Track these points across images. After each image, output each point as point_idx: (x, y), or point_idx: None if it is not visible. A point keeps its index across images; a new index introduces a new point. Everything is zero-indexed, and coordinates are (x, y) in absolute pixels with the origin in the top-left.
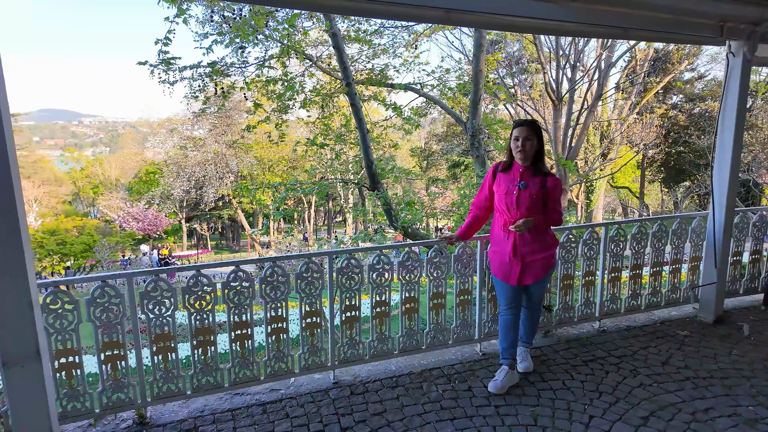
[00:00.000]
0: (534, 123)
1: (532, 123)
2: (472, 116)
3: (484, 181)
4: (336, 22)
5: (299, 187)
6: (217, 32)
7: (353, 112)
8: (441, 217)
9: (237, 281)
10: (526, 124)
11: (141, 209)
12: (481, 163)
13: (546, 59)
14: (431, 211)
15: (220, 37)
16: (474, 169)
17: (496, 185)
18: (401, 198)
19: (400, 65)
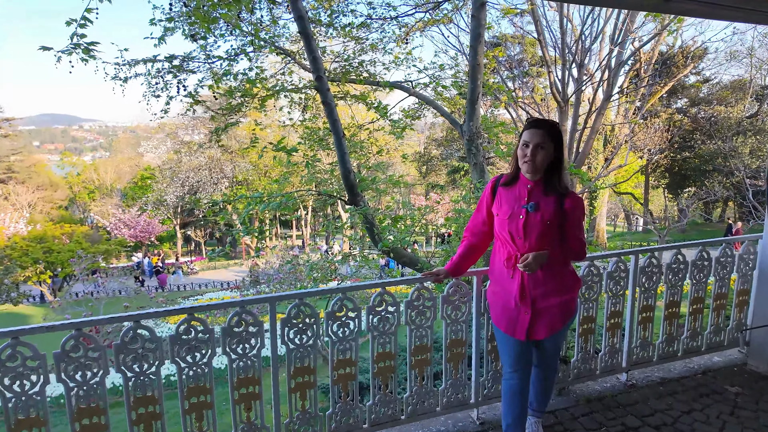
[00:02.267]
0: (552, 126)
1: (548, 125)
2: (468, 117)
3: (481, 199)
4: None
5: (265, 201)
6: (167, 17)
7: (326, 112)
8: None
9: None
10: (541, 125)
11: (133, 216)
12: (479, 172)
13: (551, 59)
14: (422, 226)
15: (171, 24)
16: (471, 177)
17: (496, 205)
18: (385, 213)
19: (391, 62)
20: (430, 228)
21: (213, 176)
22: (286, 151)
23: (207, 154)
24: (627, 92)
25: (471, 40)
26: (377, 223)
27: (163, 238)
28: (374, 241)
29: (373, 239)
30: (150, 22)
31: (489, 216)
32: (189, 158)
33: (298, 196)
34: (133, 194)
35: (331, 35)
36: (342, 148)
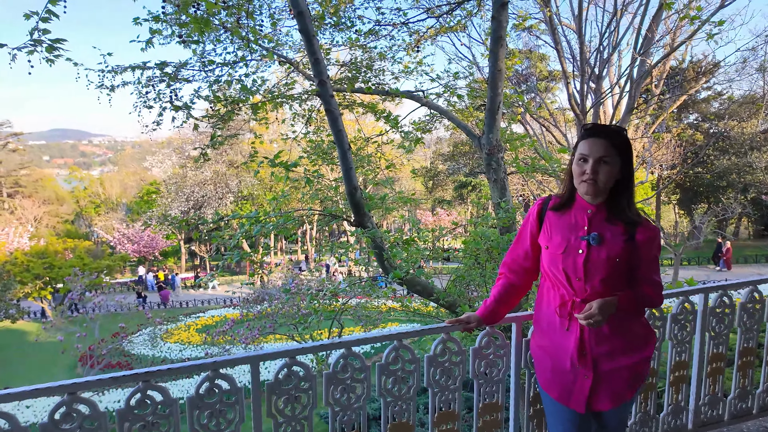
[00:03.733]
0: (617, 133)
1: (612, 133)
2: (488, 129)
3: (523, 226)
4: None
5: (262, 220)
6: (153, 17)
7: (329, 121)
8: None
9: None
10: (603, 133)
11: (137, 230)
12: (500, 189)
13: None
14: (436, 250)
15: (158, 25)
16: (491, 196)
17: (544, 235)
18: (395, 236)
19: (400, 72)
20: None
21: (218, 191)
22: (285, 166)
23: (213, 168)
24: (651, 104)
25: (491, 43)
26: (387, 247)
27: (167, 252)
28: (383, 267)
29: (382, 265)
30: (134, 22)
31: (534, 248)
32: (194, 173)
33: (298, 216)
34: (138, 209)
35: (337, 43)
36: (347, 163)
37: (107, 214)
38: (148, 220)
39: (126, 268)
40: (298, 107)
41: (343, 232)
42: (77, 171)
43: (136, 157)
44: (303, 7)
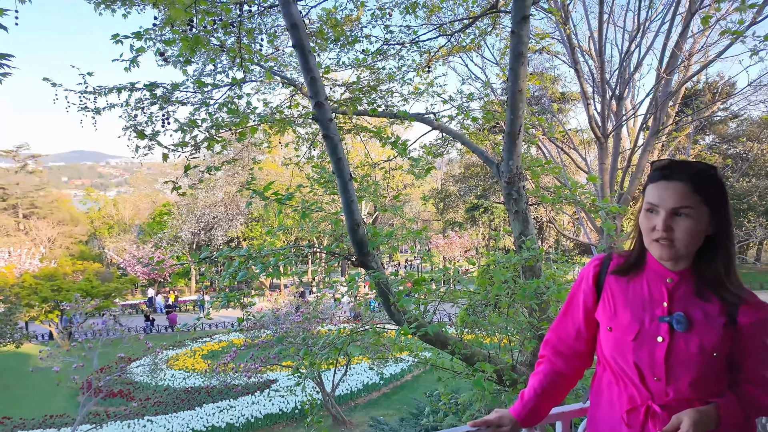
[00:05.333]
0: (703, 174)
1: (696, 173)
2: (507, 155)
3: (572, 293)
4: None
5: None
6: (134, 34)
7: (327, 148)
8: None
9: None
10: (681, 174)
11: (148, 252)
12: (522, 222)
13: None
14: (452, 291)
15: (140, 43)
16: (512, 230)
17: (605, 310)
18: (402, 279)
19: (410, 93)
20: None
21: (229, 212)
22: (277, 200)
23: (224, 190)
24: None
25: (510, 60)
26: (394, 290)
27: (178, 274)
28: (390, 314)
29: (389, 311)
30: (113, 39)
31: (589, 325)
32: (206, 194)
33: (292, 254)
34: (149, 230)
35: (343, 64)
36: (348, 195)
37: (119, 235)
38: (159, 241)
39: (137, 290)
40: (301, 131)
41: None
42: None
43: (149, 179)
44: (297, 18)
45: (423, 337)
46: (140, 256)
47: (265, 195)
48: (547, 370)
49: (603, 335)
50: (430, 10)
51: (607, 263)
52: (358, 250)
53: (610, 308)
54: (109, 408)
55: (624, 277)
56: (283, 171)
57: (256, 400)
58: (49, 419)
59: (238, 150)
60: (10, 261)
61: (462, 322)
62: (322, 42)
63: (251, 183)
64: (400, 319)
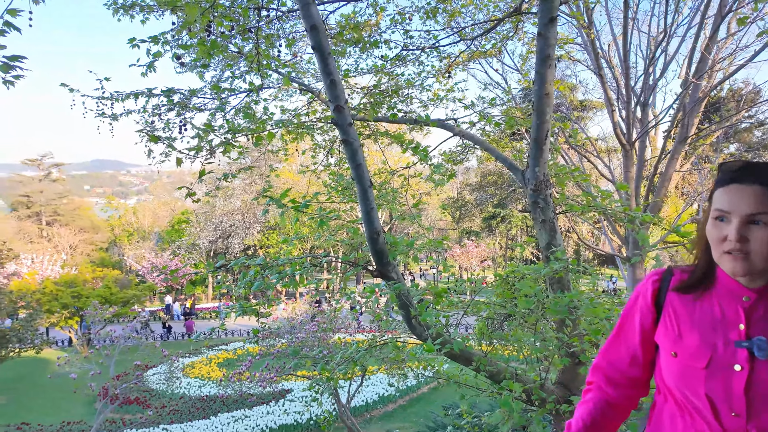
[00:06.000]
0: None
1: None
2: (533, 162)
3: (626, 313)
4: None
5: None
6: (151, 38)
7: (347, 154)
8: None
9: None
10: (751, 176)
11: (166, 260)
12: (549, 232)
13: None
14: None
15: (158, 47)
16: (538, 240)
17: (666, 332)
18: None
19: (429, 100)
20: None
21: (245, 221)
22: (294, 207)
23: (241, 198)
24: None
25: (537, 63)
26: (415, 303)
27: (195, 281)
28: (411, 327)
29: (410, 324)
30: (129, 43)
31: (646, 349)
32: (223, 202)
33: (309, 264)
34: (168, 238)
35: (362, 70)
36: (368, 203)
37: (138, 242)
38: (177, 249)
39: (155, 297)
40: (318, 138)
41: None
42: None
43: (168, 187)
44: (317, 20)
45: (448, 353)
46: (158, 263)
47: (282, 202)
48: (596, 399)
49: (665, 361)
50: (450, 15)
51: (667, 279)
52: (378, 260)
53: (673, 330)
54: (126, 415)
55: (689, 294)
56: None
57: (271, 410)
58: (66, 426)
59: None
60: (33, 267)
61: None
62: (342, 45)
63: (268, 190)
64: (422, 333)
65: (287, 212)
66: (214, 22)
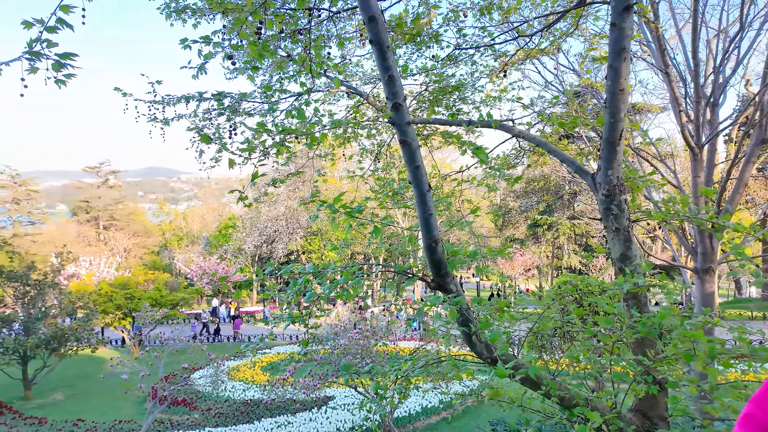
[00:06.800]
0: None
1: None
2: (606, 164)
3: None
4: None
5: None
6: (202, 38)
7: (404, 156)
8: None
9: None
10: None
11: (213, 264)
12: (622, 241)
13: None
14: (538, 317)
15: (209, 48)
16: (610, 250)
17: None
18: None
19: (481, 101)
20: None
21: (289, 226)
22: (348, 212)
23: (286, 204)
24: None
25: (610, 57)
26: (474, 317)
27: (241, 285)
28: (470, 344)
29: (469, 342)
30: (181, 44)
31: None
32: (268, 208)
33: (360, 273)
34: (215, 242)
35: (411, 72)
36: (426, 209)
37: (188, 247)
38: (224, 253)
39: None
40: (366, 142)
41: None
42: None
43: (216, 193)
44: (376, 10)
45: (522, 379)
46: (206, 267)
47: (335, 207)
48: None
49: None
50: (506, 11)
51: None
52: (435, 271)
53: None
54: (173, 416)
55: None
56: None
57: (314, 416)
58: (117, 424)
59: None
60: (90, 269)
61: (529, 347)
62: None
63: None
64: (482, 352)
65: (339, 217)
66: (265, 24)
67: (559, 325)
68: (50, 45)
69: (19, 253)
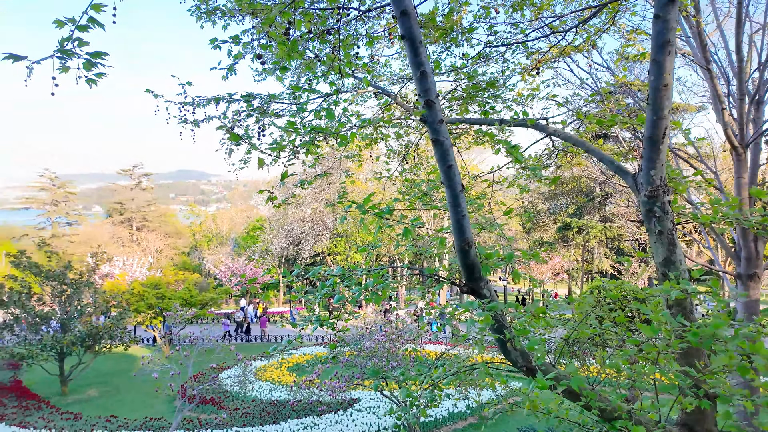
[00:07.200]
0: None
1: None
2: (648, 163)
3: None
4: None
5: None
6: (232, 38)
7: (437, 155)
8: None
9: None
10: None
11: (241, 264)
12: (666, 245)
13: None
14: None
15: (239, 47)
16: (653, 254)
17: None
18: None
19: (512, 100)
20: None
21: (315, 228)
22: (378, 213)
23: (312, 206)
24: None
25: (653, 51)
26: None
27: (267, 286)
28: (504, 351)
29: (504, 349)
30: (210, 44)
31: None
32: (295, 210)
33: (390, 276)
34: (243, 243)
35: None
36: (459, 210)
37: (217, 248)
38: (252, 254)
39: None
40: (393, 143)
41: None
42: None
43: (245, 195)
44: (408, 4)
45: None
46: (234, 268)
47: (365, 208)
48: None
49: None
50: (539, 7)
51: None
52: (468, 275)
53: None
54: (202, 415)
55: None
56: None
57: (339, 419)
58: (148, 422)
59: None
60: (123, 269)
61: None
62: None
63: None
64: (517, 360)
65: (368, 219)
66: (293, 23)
67: (599, 332)
68: (81, 44)
69: (57, 253)
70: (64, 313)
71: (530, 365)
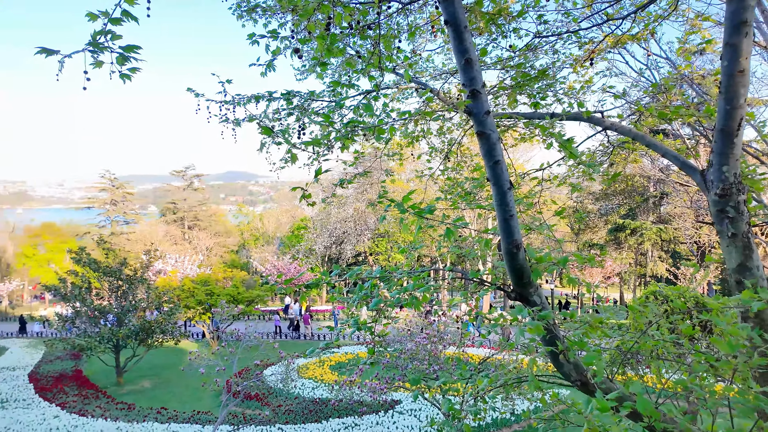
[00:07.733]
0: None
1: None
2: (720, 158)
3: None
4: None
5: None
6: (270, 32)
7: (483, 150)
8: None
9: None
10: None
11: (286, 263)
12: (740, 250)
13: None
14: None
15: (277, 42)
16: (726, 259)
17: None
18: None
19: (564, 93)
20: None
21: (357, 228)
22: (418, 213)
23: (354, 206)
24: None
25: (726, 33)
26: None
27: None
28: (556, 363)
29: (555, 360)
30: (249, 39)
31: None
32: (338, 210)
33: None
34: (288, 243)
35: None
36: (507, 209)
37: (263, 246)
38: (296, 253)
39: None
40: (435, 141)
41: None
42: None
43: (290, 196)
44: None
45: (630, 414)
46: (280, 266)
47: (404, 207)
48: None
49: None
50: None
51: None
52: (516, 280)
53: None
54: (246, 410)
55: None
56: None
57: (380, 420)
58: (196, 415)
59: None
60: (175, 266)
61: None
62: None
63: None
64: (569, 373)
65: (408, 219)
66: (333, 19)
67: (661, 344)
68: (114, 37)
69: (114, 250)
70: (120, 308)
71: (585, 379)
